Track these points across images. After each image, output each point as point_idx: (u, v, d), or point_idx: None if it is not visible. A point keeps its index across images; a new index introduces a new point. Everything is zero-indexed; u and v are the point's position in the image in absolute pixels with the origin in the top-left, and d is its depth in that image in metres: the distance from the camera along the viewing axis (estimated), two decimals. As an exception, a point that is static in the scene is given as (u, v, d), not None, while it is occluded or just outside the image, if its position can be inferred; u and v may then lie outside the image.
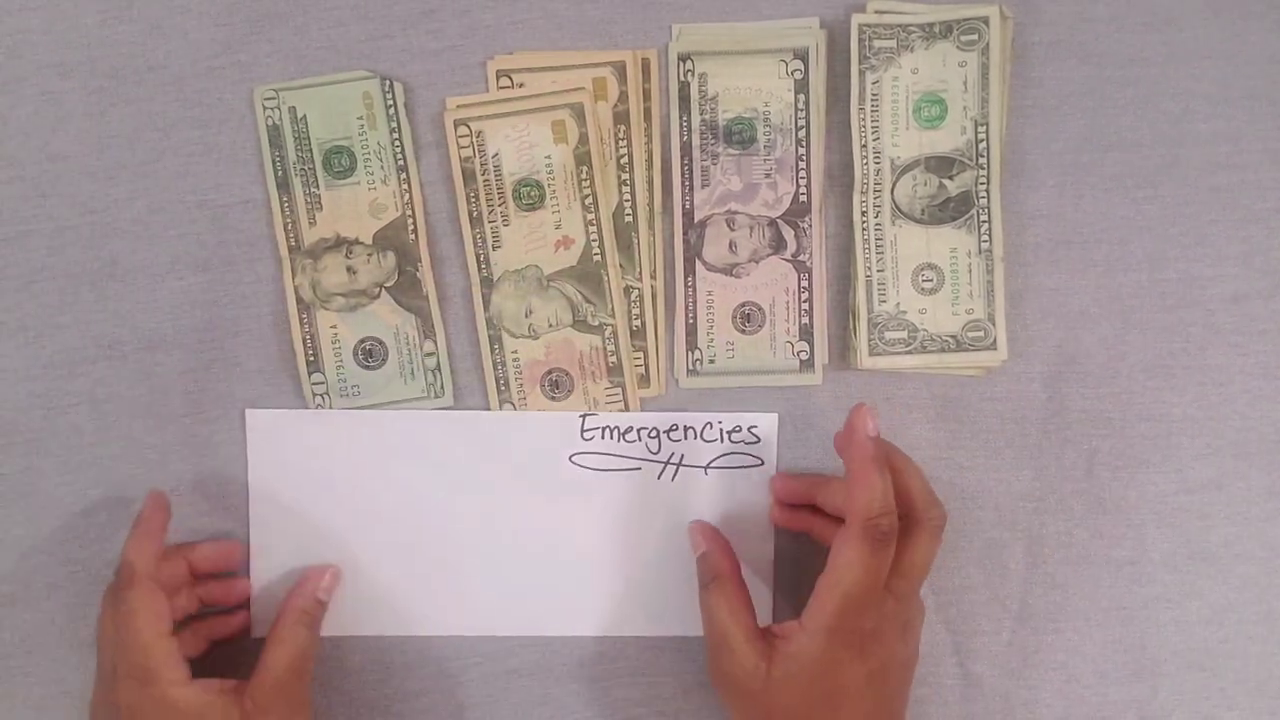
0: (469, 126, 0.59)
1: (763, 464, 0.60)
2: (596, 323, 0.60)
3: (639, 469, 0.60)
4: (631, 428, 0.60)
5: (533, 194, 0.59)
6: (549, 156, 0.59)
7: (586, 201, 0.59)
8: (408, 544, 0.61)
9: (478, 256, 0.60)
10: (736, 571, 0.56)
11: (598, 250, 0.60)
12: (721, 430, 0.60)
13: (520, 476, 0.61)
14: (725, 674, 0.53)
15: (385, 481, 0.61)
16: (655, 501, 0.60)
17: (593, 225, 0.60)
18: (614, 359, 0.60)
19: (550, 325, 0.60)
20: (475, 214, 0.60)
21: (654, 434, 0.60)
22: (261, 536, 0.60)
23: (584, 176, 0.59)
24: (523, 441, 0.60)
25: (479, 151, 0.59)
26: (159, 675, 0.52)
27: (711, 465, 0.60)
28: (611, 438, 0.60)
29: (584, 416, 0.60)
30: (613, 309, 0.60)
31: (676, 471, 0.60)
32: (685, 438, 0.60)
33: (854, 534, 0.49)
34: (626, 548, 0.61)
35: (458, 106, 0.59)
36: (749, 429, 0.60)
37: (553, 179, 0.59)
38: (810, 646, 0.50)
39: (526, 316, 0.60)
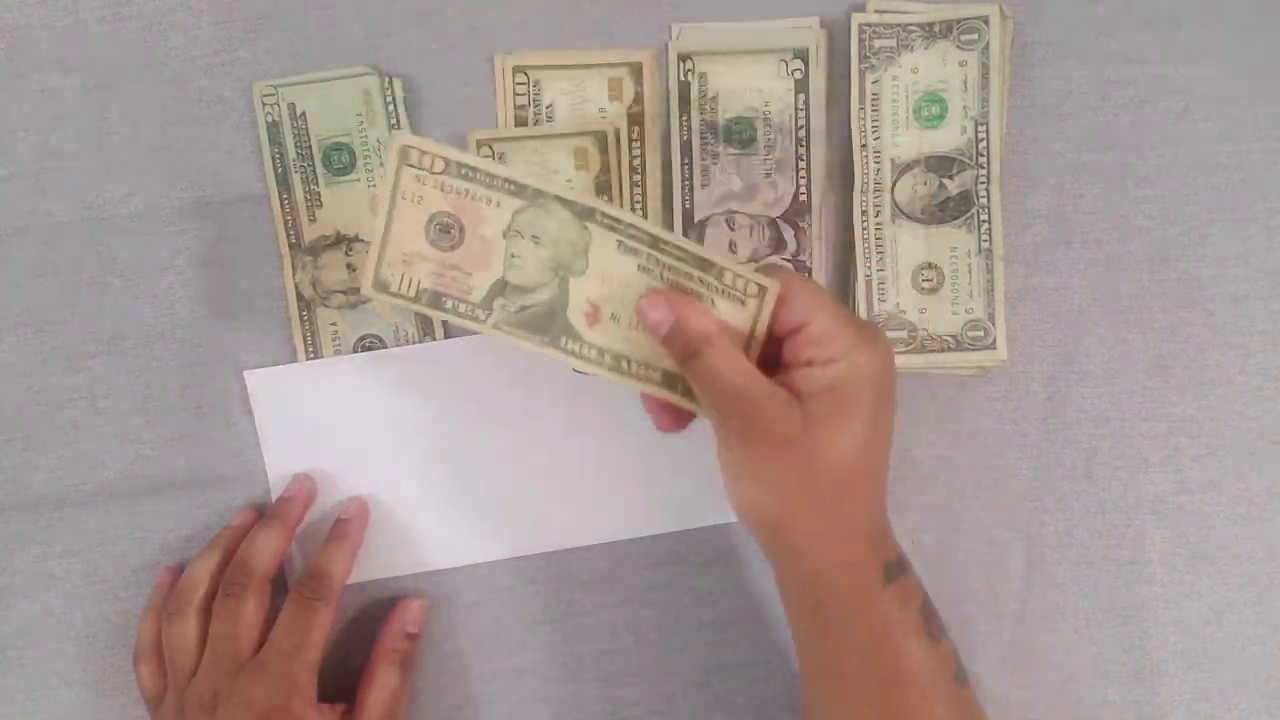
0: (491, 149, 0.59)
1: None
2: None
3: None
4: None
5: None
6: (570, 182, 0.59)
7: None
8: (427, 479, 0.61)
9: None
10: (722, 328, 0.49)
11: None
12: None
13: (526, 393, 0.60)
14: (754, 434, 0.47)
15: (393, 420, 0.60)
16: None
17: None
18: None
19: None
20: None
21: None
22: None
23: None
24: (523, 359, 0.55)
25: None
26: (301, 691, 0.54)
27: None
28: None
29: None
30: None
31: None
32: None
33: (800, 282, 0.49)
34: (638, 447, 0.60)
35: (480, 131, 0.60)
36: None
37: None
38: (841, 372, 0.47)
39: None
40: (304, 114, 0.59)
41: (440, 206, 0.50)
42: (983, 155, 0.58)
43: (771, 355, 0.50)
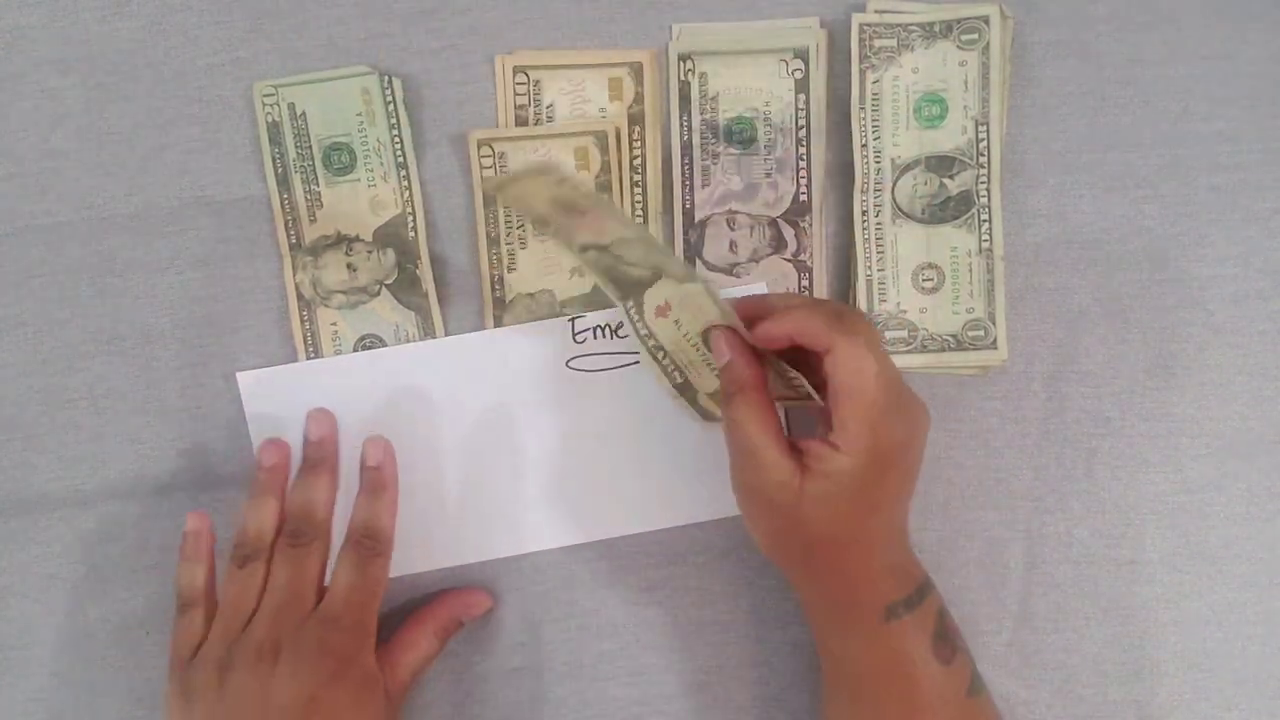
0: (491, 148, 0.59)
1: None
2: None
3: (637, 362, 0.59)
4: (623, 322, 0.59)
5: None
6: None
7: None
8: (421, 479, 0.60)
9: (492, 278, 0.60)
10: (763, 383, 0.52)
11: None
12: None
13: (519, 391, 0.60)
14: (753, 487, 0.51)
15: (388, 420, 0.60)
16: (658, 389, 0.59)
17: None
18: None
19: None
20: (493, 235, 0.60)
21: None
22: None
23: None
24: (518, 356, 0.60)
25: (500, 173, 0.59)
26: (370, 644, 0.54)
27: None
28: (605, 336, 0.59)
29: (573, 320, 0.59)
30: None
31: None
32: None
33: (851, 340, 0.48)
34: (636, 443, 0.60)
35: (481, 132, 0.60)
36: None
37: None
38: (848, 466, 0.48)
39: None
40: (304, 114, 0.59)
41: None
42: (983, 155, 0.58)
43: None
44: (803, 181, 0.59)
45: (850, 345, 0.48)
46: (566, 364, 0.59)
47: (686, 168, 0.60)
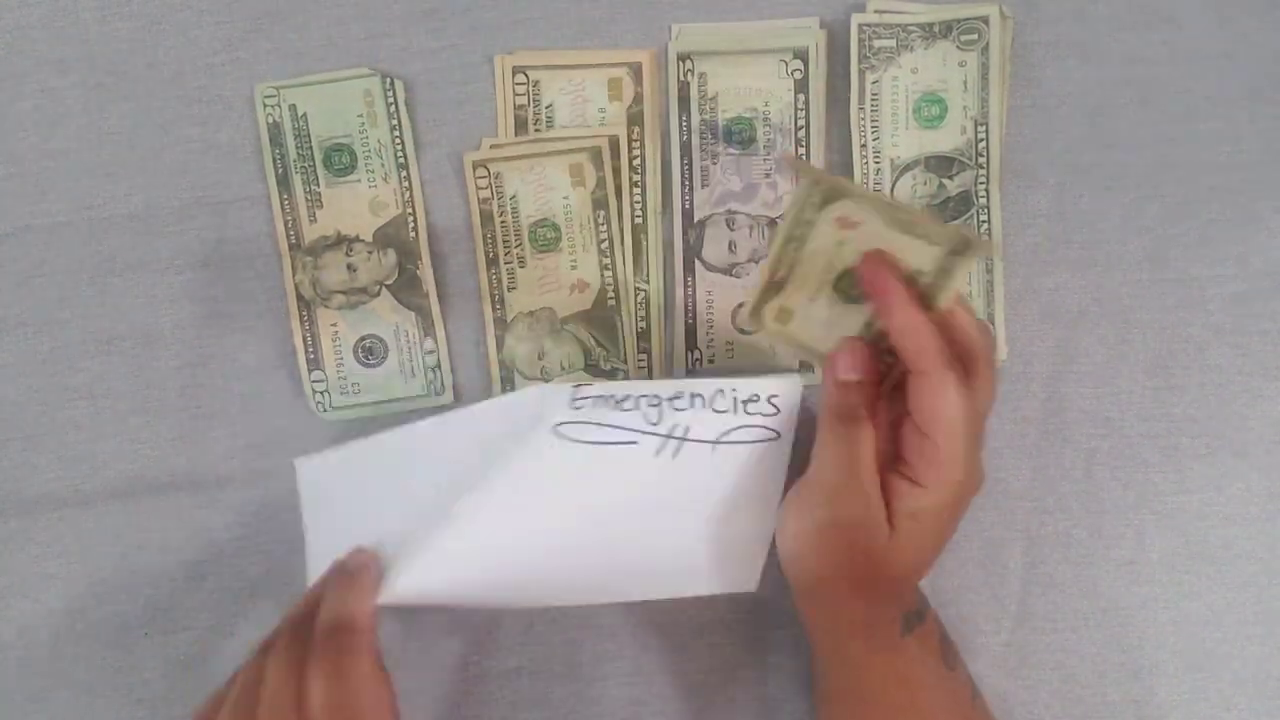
0: (487, 169, 0.59)
1: (779, 437, 0.53)
2: (609, 367, 0.60)
3: (635, 443, 0.52)
4: (629, 395, 0.52)
5: (549, 235, 0.59)
6: (566, 198, 0.59)
7: (603, 246, 0.59)
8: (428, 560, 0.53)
9: (493, 297, 0.60)
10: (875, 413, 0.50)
11: (612, 295, 0.60)
12: (735, 399, 0.52)
13: (505, 453, 0.52)
14: (835, 521, 0.48)
15: (402, 500, 0.54)
16: (650, 481, 0.53)
17: (608, 270, 0.60)
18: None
19: (563, 368, 0.60)
20: (492, 255, 0.60)
21: (655, 402, 0.52)
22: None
23: (600, 221, 0.59)
24: (509, 415, 0.53)
25: (497, 193, 0.59)
26: None
27: (721, 440, 0.52)
28: (606, 406, 0.52)
29: (578, 385, 0.53)
30: (625, 354, 0.60)
31: (680, 447, 0.52)
32: (691, 406, 0.52)
33: (940, 375, 0.46)
34: (610, 532, 0.54)
35: (482, 148, 0.60)
36: (769, 399, 0.53)
37: (570, 222, 0.59)
38: (932, 505, 0.48)
39: (539, 359, 0.60)
40: (305, 115, 0.59)
41: None
42: (982, 155, 0.58)
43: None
44: (802, 182, 0.59)
45: (925, 380, 0.47)
46: (554, 428, 0.52)
47: (686, 168, 0.60)
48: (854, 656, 0.51)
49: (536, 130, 0.60)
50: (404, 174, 0.60)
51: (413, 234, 0.60)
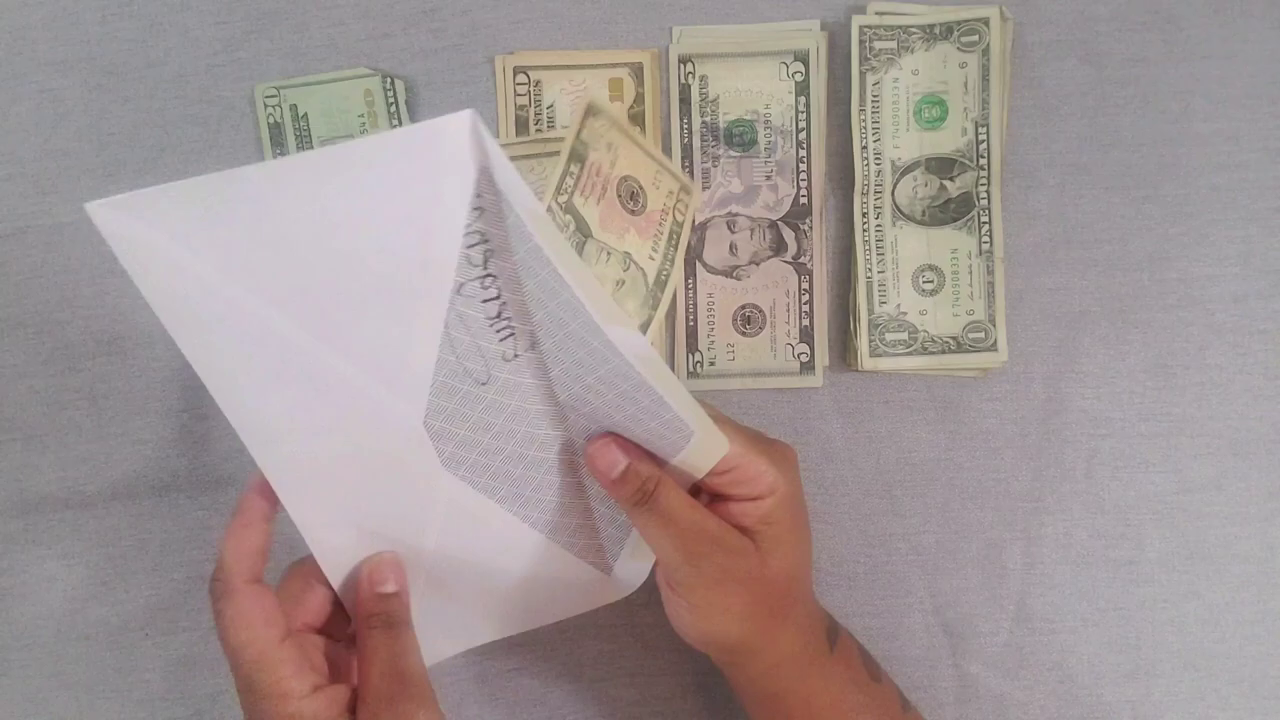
0: None
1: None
2: None
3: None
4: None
5: None
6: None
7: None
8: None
9: None
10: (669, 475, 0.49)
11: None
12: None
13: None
14: (721, 571, 0.48)
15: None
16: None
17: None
18: None
19: None
20: None
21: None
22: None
23: None
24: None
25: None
26: (272, 693, 0.45)
27: None
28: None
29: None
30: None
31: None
32: None
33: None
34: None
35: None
36: None
37: None
38: (772, 505, 0.49)
39: None
40: (306, 115, 0.59)
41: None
42: (983, 157, 0.58)
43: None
44: (803, 184, 0.59)
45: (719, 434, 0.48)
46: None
47: (687, 170, 0.60)
48: (794, 703, 0.52)
49: (538, 130, 0.60)
50: (404, 174, 0.60)
51: (413, 234, 0.60)
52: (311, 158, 0.40)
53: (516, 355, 0.45)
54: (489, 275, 0.42)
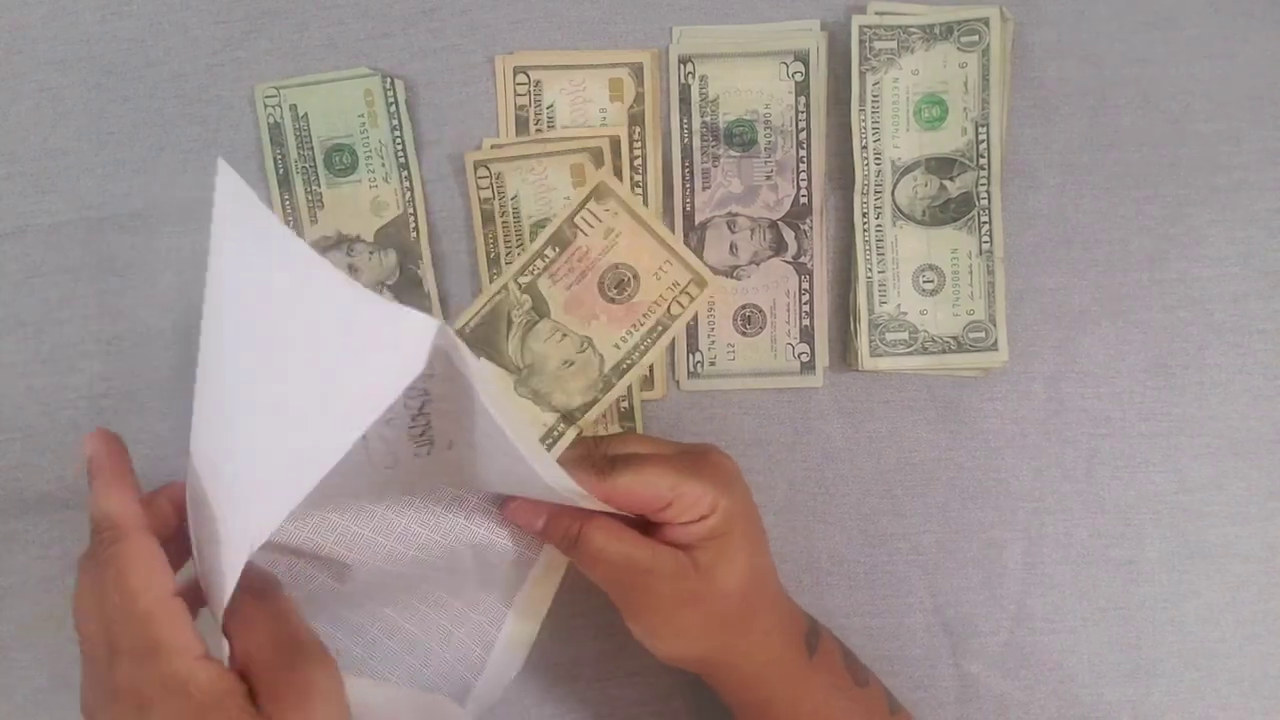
0: (488, 169, 0.59)
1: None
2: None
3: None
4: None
5: None
6: (568, 199, 0.59)
7: None
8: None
9: None
10: (595, 513, 0.50)
11: None
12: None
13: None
14: (663, 597, 0.50)
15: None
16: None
17: None
18: (625, 404, 0.60)
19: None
20: (493, 255, 0.60)
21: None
22: None
23: None
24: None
25: (498, 193, 0.59)
26: (165, 647, 0.40)
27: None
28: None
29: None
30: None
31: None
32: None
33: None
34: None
35: (484, 148, 0.60)
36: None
37: None
38: (714, 522, 0.49)
39: None
40: (305, 115, 0.59)
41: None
42: (983, 157, 0.58)
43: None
44: (803, 184, 0.59)
45: (649, 473, 0.49)
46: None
47: (687, 170, 0.60)
48: (781, 708, 0.52)
49: (538, 130, 0.60)
50: (405, 174, 0.60)
51: (414, 234, 0.60)
52: (316, 267, 0.39)
53: (429, 454, 0.47)
54: (421, 414, 0.45)
